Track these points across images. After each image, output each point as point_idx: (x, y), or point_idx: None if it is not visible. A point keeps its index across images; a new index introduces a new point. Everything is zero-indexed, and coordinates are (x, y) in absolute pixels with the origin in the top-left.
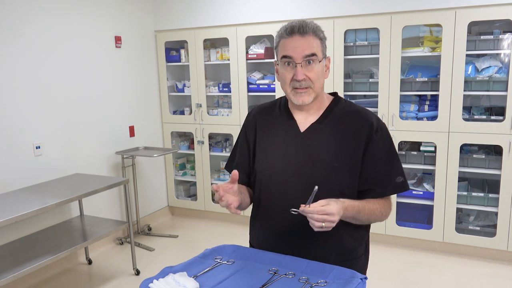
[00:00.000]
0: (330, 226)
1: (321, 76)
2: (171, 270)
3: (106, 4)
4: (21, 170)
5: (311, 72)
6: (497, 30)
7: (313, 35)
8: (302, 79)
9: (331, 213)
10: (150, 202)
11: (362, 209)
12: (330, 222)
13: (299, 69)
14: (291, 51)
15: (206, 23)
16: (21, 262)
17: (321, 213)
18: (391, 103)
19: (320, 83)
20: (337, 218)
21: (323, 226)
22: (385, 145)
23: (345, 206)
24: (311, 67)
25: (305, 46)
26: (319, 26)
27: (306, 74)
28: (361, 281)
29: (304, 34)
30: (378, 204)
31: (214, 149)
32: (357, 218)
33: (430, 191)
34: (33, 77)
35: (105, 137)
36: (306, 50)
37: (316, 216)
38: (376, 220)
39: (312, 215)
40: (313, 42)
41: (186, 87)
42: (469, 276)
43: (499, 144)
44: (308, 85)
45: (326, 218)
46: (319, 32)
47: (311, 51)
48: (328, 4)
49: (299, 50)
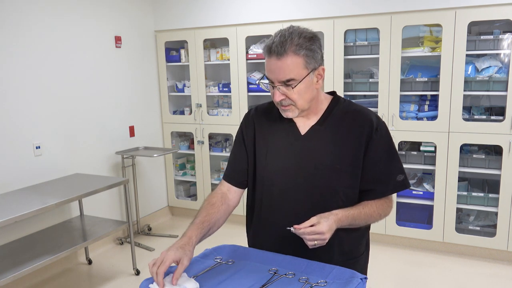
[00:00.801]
0: (322, 243)
1: (305, 92)
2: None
3: (106, 4)
4: (21, 170)
5: (291, 93)
6: (497, 30)
7: (293, 54)
8: (280, 100)
9: (321, 232)
10: (150, 202)
11: (358, 215)
12: (321, 240)
13: (276, 92)
14: (269, 74)
15: (206, 23)
16: (21, 262)
17: (311, 234)
18: (391, 103)
19: (305, 99)
20: (327, 235)
21: (315, 244)
22: (385, 144)
23: (338, 218)
24: (290, 88)
25: (281, 71)
26: (310, 38)
27: (285, 95)
28: (361, 281)
29: (280, 57)
30: (376, 207)
31: (214, 149)
32: (354, 224)
33: (430, 191)
34: (33, 77)
35: (105, 137)
36: (281, 76)
37: (307, 236)
38: (375, 222)
39: (303, 236)
40: (290, 64)
41: (186, 87)
42: (469, 276)
43: (499, 144)
44: (289, 103)
45: (317, 238)
46: (301, 50)
47: (287, 76)
48: (328, 4)
49: (275, 75)
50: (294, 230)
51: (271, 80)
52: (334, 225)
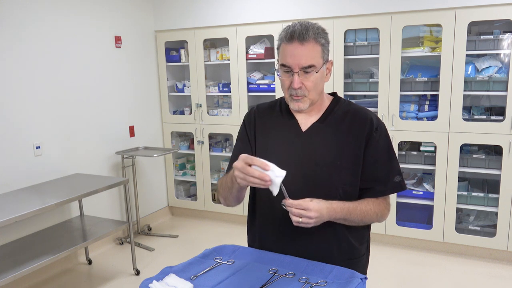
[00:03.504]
0: (306, 222)
1: (319, 83)
2: (171, 270)
3: (106, 4)
4: (21, 170)
5: (308, 81)
6: (497, 30)
7: (314, 42)
8: (299, 87)
9: (307, 209)
10: (150, 202)
11: (353, 210)
12: (306, 218)
13: (296, 78)
14: (290, 60)
15: (206, 23)
16: (21, 262)
17: (297, 208)
18: (391, 103)
19: (317, 90)
20: (313, 215)
21: (300, 221)
22: (384, 144)
23: (333, 207)
24: (308, 76)
25: (303, 56)
26: (323, 30)
27: (302, 83)
28: (361, 281)
29: (303, 42)
30: (372, 205)
31: (214, 149)
32: (348, 220)
33: (430, 191)
34: (33, 77)
35: (105, 137)
36: (303, 61)
37: (294, 210)
38: (371, 221)
39: (290, 208)
40: (312, 50)
41: (186, 87)
42: (469, 276)
43: (499, 144)
44: (303, 94)
45: (303, 213)
46: (320, 38)
47: (309, 62)
48: (328, 4)
49: (297, 60)
50: (284, 202)
51: (291, 66)
52: (325, 212)
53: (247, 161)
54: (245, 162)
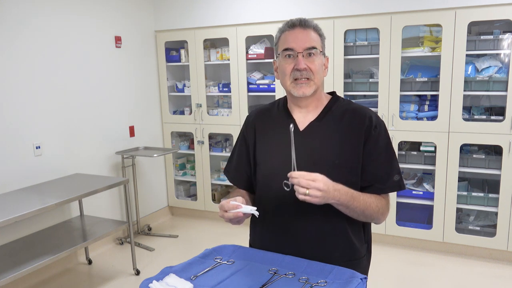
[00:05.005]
0: (314, 195)
1: (321, 70)
2: (171, 270)
3: (106, 4)
4: (21, 170)
5: (312, 64)
6: (497, 30)
7: (314, 31)
8: (304, 68)
9: (316, 179)
10: (150, 202)
11: (357, 197)
12: (315, 190)
13: (300, 59)
14: (293, 43)
15: (206, 23)
16: (21, 262)
17: (306, 178)
18: (391, 103)
19: (321, 76)
20: (321, 186)
21: (306, 193)
22: (383, 141)
23: (338, 188)
24: (312, 59)
25: (306, 39)
26: (319, 25)
27: (307, 65)
28: (361, 281)
29: (305, 27)
30: (374, 199)
31: (214, 149)
32: (351, 208)
33: (430, 191)
34: (32, 77)
35: (105, 137)
36: (307, 43)
37: (302, 180)
38: (372, 215)
39: (298, 179)
40: (313, 36)
41: (186, 87)
42: (469, 276)
43: (499, 144)
44: (308, 76)
45: (311, 184)
46: (319, 29)
47: (312, 44)
48: (328, 4)
49: (300, 42)
50: (290, 173)
51: (294, 48)
52: (332, 188)
53: (223, 209)
54: (222, 210)
